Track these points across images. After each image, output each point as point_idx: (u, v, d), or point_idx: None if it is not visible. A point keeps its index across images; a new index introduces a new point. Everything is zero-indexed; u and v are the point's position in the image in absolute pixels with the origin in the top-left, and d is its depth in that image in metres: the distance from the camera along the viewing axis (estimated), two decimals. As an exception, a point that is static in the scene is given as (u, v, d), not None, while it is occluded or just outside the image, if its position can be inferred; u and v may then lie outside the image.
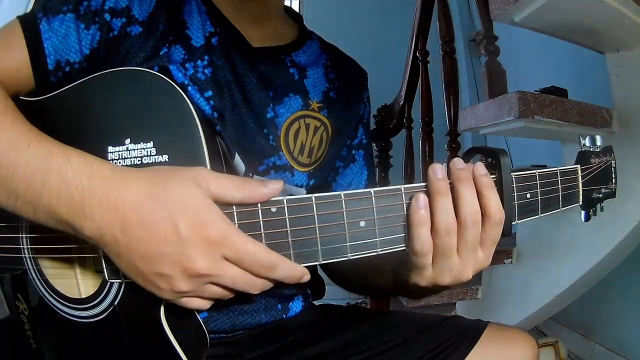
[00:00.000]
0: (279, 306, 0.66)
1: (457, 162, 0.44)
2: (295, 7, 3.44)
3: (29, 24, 0.54)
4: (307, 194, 0.43)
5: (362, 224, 0.43)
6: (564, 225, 1.40)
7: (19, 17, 0.55)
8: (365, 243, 0.43)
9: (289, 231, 0.42)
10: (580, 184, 0.54)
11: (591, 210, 0.57)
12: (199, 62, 0.58)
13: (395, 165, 2.06)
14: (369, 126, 0.76)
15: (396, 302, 1.60)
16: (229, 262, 0.40)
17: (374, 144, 2.10)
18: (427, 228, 0.42)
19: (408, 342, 0.62)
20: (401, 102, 2.01)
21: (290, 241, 0.42)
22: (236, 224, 0.41)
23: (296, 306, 0.68)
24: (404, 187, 0.44)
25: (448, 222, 0.42)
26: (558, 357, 1.62)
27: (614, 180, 0.58)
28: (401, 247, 0.44)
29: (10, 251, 0.53)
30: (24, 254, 0.53)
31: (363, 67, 0.77)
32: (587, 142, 0.56)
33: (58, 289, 0.51)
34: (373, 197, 0.43)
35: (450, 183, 0.43)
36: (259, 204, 0.41)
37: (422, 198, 0.42)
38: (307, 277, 0.43)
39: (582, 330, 1.84)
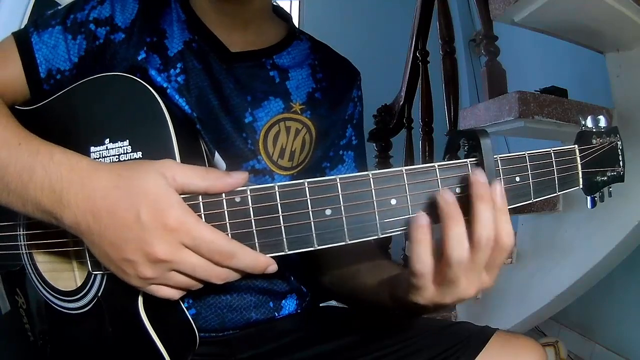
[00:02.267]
0: (271, 304, 0.65)
1: (480, 175, 0.41)
2: (295, 7, 3.44)
3: (22, 38, 0.59)
4: None
5: (328, 212, 0.41)
6: (564, 225, 1.40)
7: (13, 33, 0.60)
8: (332, 232, 0.41)
9: (253, 221, 0.42)
10: (579, 166, 0.49)
11: (596, 195, 0.52)
12: (172, 70, 0.60)
13: (395, 165, 2.05)
14: (360, 127, 0.74)
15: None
16: (188, 250, 0.41)
17: (374, 144, 2.10)
18: (429, 248, 0.40)
19: (410, 347, 0.60)
20: (401, 102, 2.01)
21: (255, 231, 0.42)
22: (202, 214, 0.42)
23: (290, 304, 0.67)
24: (372, 174, 0.42)
25: (462, 251, 0.39)
26: (558, 357, 1.62)
27: (621, 162, 0.53)
28: (370, 237, 0.42)
29: (9, 248, 0.55)
30: (22, 250, 0.54)
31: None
32: (588, 122, 0.52)
33: (51, 282, 0.53)
34: (339, 185, 0.41)
35: (463, 196, 0.41)
36: (223, 194, 0.42)
37: (424, 217, 0.40)
38: (272, 267, 0.43)
39: (582, 330, 1.84)
